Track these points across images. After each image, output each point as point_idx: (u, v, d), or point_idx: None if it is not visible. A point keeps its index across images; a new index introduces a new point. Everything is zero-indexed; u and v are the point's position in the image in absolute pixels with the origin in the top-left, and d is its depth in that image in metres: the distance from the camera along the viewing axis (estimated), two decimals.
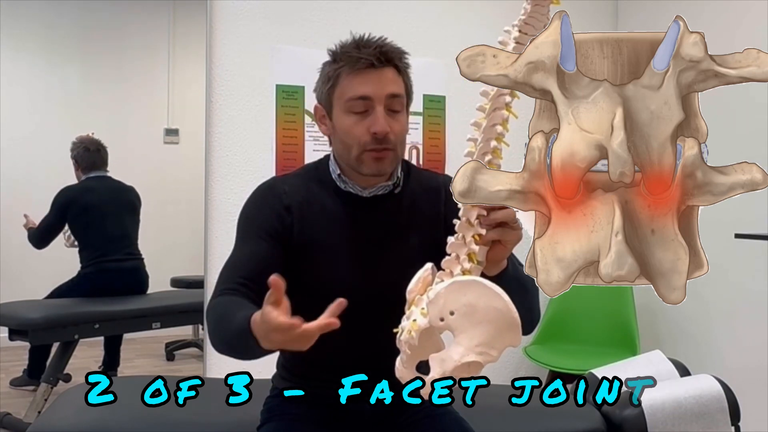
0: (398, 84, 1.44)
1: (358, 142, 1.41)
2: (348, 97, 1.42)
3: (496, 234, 1.15)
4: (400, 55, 1.46)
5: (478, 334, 1.07)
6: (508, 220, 1.15)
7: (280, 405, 1.57)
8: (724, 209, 3.25)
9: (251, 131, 2.93)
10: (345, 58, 1.43)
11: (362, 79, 1.41)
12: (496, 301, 1.07)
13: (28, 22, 2.94)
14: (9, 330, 2.82)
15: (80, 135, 2.99)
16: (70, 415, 1.72)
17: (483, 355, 1.07)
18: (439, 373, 1.08)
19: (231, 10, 2.90)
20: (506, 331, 1.08)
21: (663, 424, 1.88)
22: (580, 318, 3.36)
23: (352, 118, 1.42)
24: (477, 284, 1.09)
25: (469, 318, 1.07)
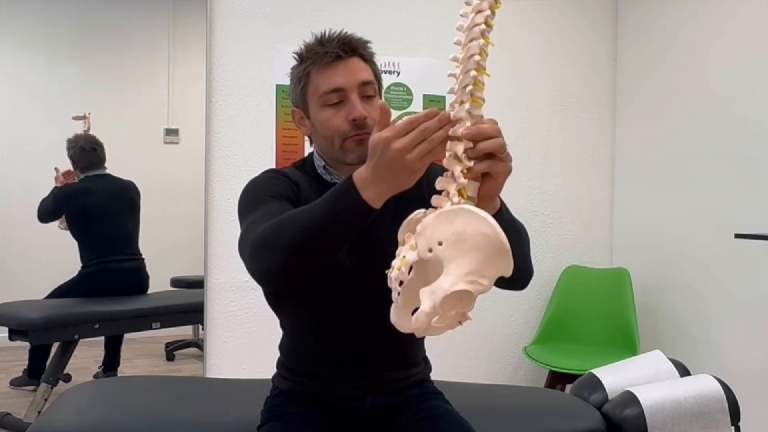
0: (367, 71, 1.46)
1: (338, 132, 1.42)
2: (321, 92, 1.44)
3: (484, 166, 1.12)
4: (364, 44, 1.48)
5: (468, 262, 1.02)
6: (496, 151, 1.12)
7: (281, 405, 1.56)
8: (724, 209, 3.28)
9: (251, 131, 2.93)
10: (311, 56, 1.46)
11: (332, 72, 1.43)
12: (483, 227, 1.03)
13: (29, 22, 2.94)
14: (9, 330, 2.82)
15: (76, 133, 2.99)
16: (70, 415, 1.72)
17: (474, 284, 1.02)
18: (429, 305, 1.02)
19: (231, 10, 2.90)
20: (496, 257, 1.03)
21: (663, 424, 1.88)
22: (580, 318, 3.36)
23: (328, 111, 1.43)
24: (464, 211, 1.05)
25: (457, 246, 1.03)
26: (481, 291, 1.02)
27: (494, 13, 1.17)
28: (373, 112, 1.42)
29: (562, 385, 3.01)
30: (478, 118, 1.13)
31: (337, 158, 1.47)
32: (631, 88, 3.54)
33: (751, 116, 2.87)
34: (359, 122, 1.41)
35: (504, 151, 1.13)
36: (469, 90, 1.13)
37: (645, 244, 3.43)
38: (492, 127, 1.12)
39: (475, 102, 1.13)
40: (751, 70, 2.88)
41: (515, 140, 3.42)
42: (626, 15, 3.56)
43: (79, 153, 3.01)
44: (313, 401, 1.53)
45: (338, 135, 1.43)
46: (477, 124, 1.11)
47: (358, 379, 1.52)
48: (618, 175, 3.62)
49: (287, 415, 1.52)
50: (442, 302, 1.01)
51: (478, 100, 1.13)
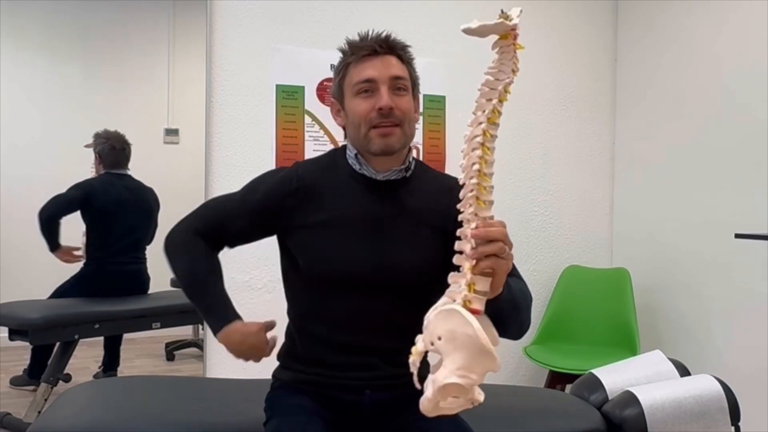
0: (401, 69, 1.55)
1: (366, 119, 1.51)
2: (355, 82, 1.52)
3: (489, 263, 1.21)
4: (402, 46, 1.58)
5: (459, 358, 1.15)
6: (496, 252, 1.21)
7: (281, 397, 1.58)
8: (724, 209, 3.28)
9: (251, 131, 2.93)
10: (351, 50, 1.55)
11: (367, 65, 1.52)
12: (468, 329, 1.15)
13: (29, 22, 2.94)
14: (9, 330, 2.82)
15: (106, 129, 2.99)
16: (70, 415, 1.72)
17: (464, 378, 1.15)
18: (429, 393, 1.17)
19: (231, 10, 2.90)
20: (479, 356, 1.15)
21: (663, 424, 1.88)
22: (580, 318, 3.36)
23: (359, 99, 1.52)
24: (455, 312, 1.18)
25: (451, 343, 1.16)
26: (470, 384, 1.16)
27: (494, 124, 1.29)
28: (401, 104, 1.52)
29: (562, 385, 3.01)
30: (487, 218, 1.25)
31: (362, 146, 1.54)
32: (631, 88, 3.54)
33: (751, 116, 2.87)
34: (385, 111, 1.49)
35: (504, 252, 1.22)
36: (474, 194, 1.25)
37: (645, 244, 3.43)
38: (497, 231, 1.22)
39: (480, 205, 1.25)
40: (752, 70, 2.88)
41: (515, 140, 3.42)
42: (626, 15, 3.56)
43: (109, 150, 3.01)
44: (313, 393, 1.55)
45: (365, 122, 1.51)
46: (485, 225, 1.23)
47: (357, 367, 1.54)
48: (618, 175, 3.62)
49: (289, 407, 1.53)
50: (438, 391, 1.16)
51: (482, 203, 1.25)
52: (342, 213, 1.54)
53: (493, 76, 1.32)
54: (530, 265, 3.47)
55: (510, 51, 1.34)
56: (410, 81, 1.57)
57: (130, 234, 3.12)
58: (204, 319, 1.56)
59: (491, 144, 1.28)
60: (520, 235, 3.44)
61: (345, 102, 1.56)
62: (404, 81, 1.54)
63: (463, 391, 1.17)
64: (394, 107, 1.50)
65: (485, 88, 1.33)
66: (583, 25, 3.57)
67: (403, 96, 1.53)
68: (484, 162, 1.27)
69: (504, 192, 3.39)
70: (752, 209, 2.85)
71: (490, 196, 1.27)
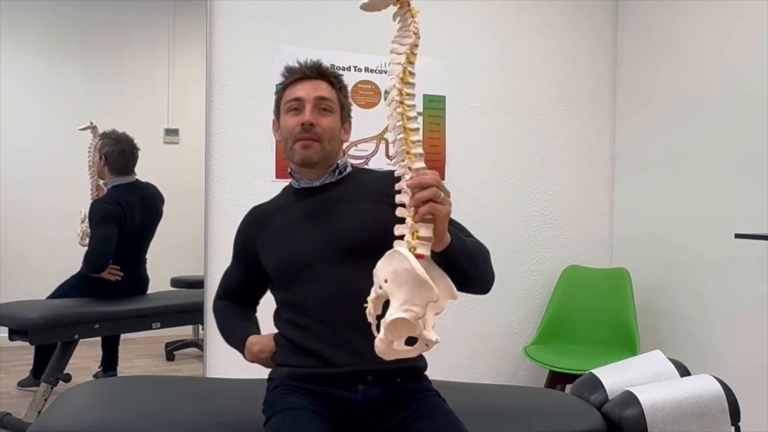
0: (329, 92, 1.74)
1: (291, 132, 1.70)
2: (286, 100, 1.74)
3: (427, 208, 1.31)
4: (335, 74, 1.78)
5: (401, 294, 1.24)
6: (432, 198, 1.32)
7: (279, 396, 1.59)
8: (724, 209, 3.28)
9: (251, 131, 2.93)
10: (287, 74, 1.76)
11: (298, 87, 1.73)
12: (405, 263, 1.25)
13: (29, 22, 2.94)
14: (9, 330, 2.82)
15: (114, 130, 2.94)
16: (70, 415, 1.72)
17: (408, 312, 1.22)
18: (382, 333, 1.24)
19: (231, 10, 2.90)
20: (419, 287, 1.23)
21: (663, 424, 1.88)
22: (580, 318, 3.36)
23: (288, 116, 1.72)
24: (396, 253, 1.28)
25: (394, 282, 1.25)
26: (415, 317, 1.22)
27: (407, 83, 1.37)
28: (323, 122, 1.70)
29: (562, 385, 3.01)
30: (420, 169, 1.35)
31: (290, 158, 1.75)
32: (631, 88, 3.54)
33: (751, 116, 2.88)
34: (306, 126, 1.68)
35: (440, 197, 1.33)
36: (403, 149, 1.36)
37: (645, 244, 3.44)
38: (431, 178, 1.33)
39: (411, 158, 1.35)
40: (751, 70, 2.88)
41: (515, 140, 3.43)
42: (626, 15, 3.56)
43: (118, 154, 2.94)
44: (308, 391, 1.57)
45: (291, 136, 1.71)
46: (419, 175, 1.34)
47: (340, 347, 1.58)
48: (618, 175, 3.62)
49: (288, 404, 1.55)
50: (388, 329, 1.23)
51: (412, 156, 1.35)
52: (289, 217, 1.74)
53: (398, 42, 1.41)
54: (530, 265, 3.47)
55: (407, 17, 1.42)
56: (338, 104, 1.74)
57: (136, 241, 3.11)
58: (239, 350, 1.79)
59: (410, 101, 1.37)
60: (520, 235, 3.44)
61: (280, 119, 1.76)
62: (329, 102, 1.72)
63: (410, 326, 1.22)
64: (315, 123, 1.68)
65: (393, 54, 1.41)
66: (583, 25, 3.57)
67: (326, 116, 1.71)
68: (405, 118, 1.36)
69: (504, 192, 3.39)
70: (752, 209, 2.85)
71: (419, 149, 1.36)
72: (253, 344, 1.73)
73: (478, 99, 3.33)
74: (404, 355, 1.28)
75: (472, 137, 3.28)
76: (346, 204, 1.71)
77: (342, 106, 1.76)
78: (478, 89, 3.32)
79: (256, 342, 1.73)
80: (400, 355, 1.27)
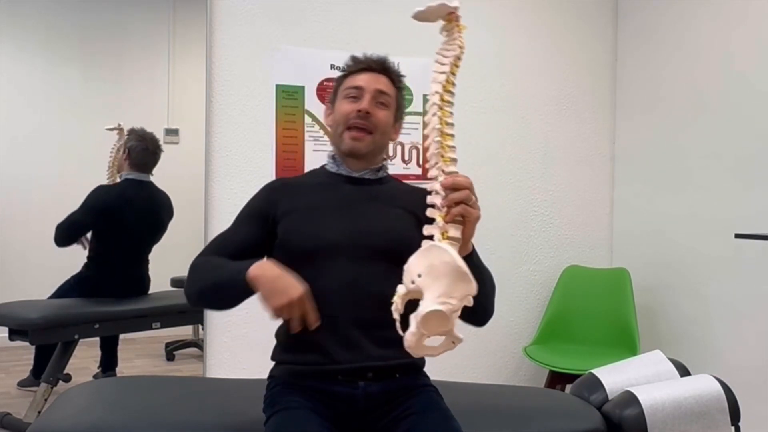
0: (389, 87, 1.73)
1: (345, 118, 1.68)
2: (345, 87, 1.73)
3: (459, 210, 1.36)
4: (398, 73, 1.76)
5: (438, 287, 1.24)
6: (464, 200, 1.36)
7: (278, 395, 1.59)
8: (724, 209, 3.28)
9: (251, 131, 2.93)
10: (351, 63, 1.76)
11: (359, 77, 1.72)
12: (446, 256, 1.26)
13: (28, 22, 2.94)
14: (9, 330, 2.82)
15: (143, 128, 2.98)
16: (70, 415, 1.72)
17: (444, 305, 1.22)
18: (414, 326, 1.23)
19: (231, 10, 2.90)
20: (459, 280, 1.24)
21: (663, 424, 1.88)
22: (580, 318, 3.36)
23: (345, 102, 1.71)
24: (434, 247, 1.29)
25: (430, 275, 1.25)
26: (451, 310, 1.22)
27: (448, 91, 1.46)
28: (379, 114, 1.68)
29: (562, 385, 3.01)
30: (453, 173, 1.40)
31: (336, 144, 1.73)
32: (631, 88, 3.54)
33: (751, 116, 2.87)
34: (362, 114, 1.66)
35: (471, 200, 1.37)
36: (438, 152, 1.41)
37: (645, 244, 3.44)
38: (464, 180, 1.38)
39: (445, 161, 1.40)
40: (751, 70, 2.88)
41: (515, 140, 3.43)
42: (626, 15, 3.56)
43: (141, 151, 2.99)
44: (308, 389, 1.57)
45: (344, 121, 1.69)
46: (452, 177, 1.38)
47: (346, 345, 1.56)
48: (618, 176, 3.62)
49: (287, 403, 1.55)
50: (422, 322, 1.22)
51: (447, 160, 1.41)
52: (320, 199, 1.69)
53: (443, 53, 1.48)
54: (530, 265, 3.47)
55: (455, 31, 1.48)
56: (395, 101, 1.74)
57: (139, 242, 3.11)
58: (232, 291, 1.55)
59: (449, 108, 1.44)
60: (520, 235, 3.44)
61: (335, 105, 1.74)
62: (388, 97, 1.71)
63: (444, 319, 1.22)
64: (372, 114, 1.67)
65: (437, 64, 1.47)
66: (583, 25, 3.57)
67: (382, 109, 1.70)
68: (444, 123, 1.42)
69: (504, 192, 3.39)
70: (752, 209, 2.85)
71: (453, 154, 1.41)
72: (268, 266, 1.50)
73: (478, 99, 3.32)
74: (431, 353, 1.28)
75: (472, 137, 3.28)
76: (380, 204, 1.69)
77: (398, 105, 1.76)
78: (478, 89, 3.32)
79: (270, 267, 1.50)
80: (428, 352, 1.27)
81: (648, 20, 3.42)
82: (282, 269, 1.49)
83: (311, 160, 2.94)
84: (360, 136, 1.67)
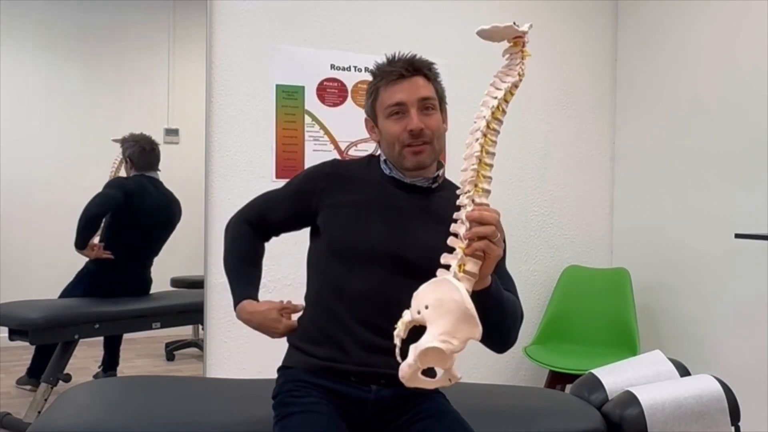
0: (428, 89, 1.66)
1: (398, 139, 1.63)
2: (386, 105, 1.64)
3: (481, 245, 1.30)
4: (429, 65, 1.69)
5: (442, 324, 1.20)
6: (488, 235, 1.30)
7: (291, 396, 1.57)
8: (724, 209, 3.28)
9: (251, 131, 2.93)
10: (381, 74, 1.67)
11: (396, 89, 1.64)
12: (455, 294, 1.22)
13: (28, 22, 2.94)
14: (9, 330, 2.82)
15: (132, 132, 2.99)
16: (70, 415, 1.72)
17: (445, 343, 1.19)
18: (411, 358, 1.20)
19: (231, 10, 2.90)
20: (464, 321, 1.21)
21: (663, 424, 1.88)
22: (580, 318, 3.36)
23: (391, 121, 1.64)
24: (446, 281, 1.25)
25: (437, 310, 1.22)
26: (452, 350, 1.20)
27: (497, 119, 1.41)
28: (430, 123, 1.63)
29: (562, 385, 3.01)
30: (483, 205, 1.34)
31: (397, 163, 1.68)
32: (631, 88, 3.54)
33: (752, 116, 2.87)
34: (415, 132, 1.61)
35: (496, 237, 1.31)
36: (473, 180, 1.35)
37: (645, 244, 3.43)
38: (491, 216, 1.32)
39: (477, 191, 1.34)
40: (751, 70, 2.88)
41: (515, 140, 3.42)
42: (626, 15, 3.56)
43: (140, 153, 3.00)
44: (320, 388, 1.56)
45: (398, 142, 1.63)
46: (480, 209, 1.32)
47: (369, 349, 1.56)
48: (618, 175, 3.62)
49: (300, 405, 1.54)
50: (419, 357, 1.19)
51: (480, 190, 1.35)
52: (368, 198, 1.67)
53: (501, 77, 1.42)
54: (530, 265, 3.47)
55: (518, 57, 1.44)
56: (437, 98, 1.67)
57: (147, 242, 3.11)
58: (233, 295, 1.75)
59: (494, 137, 1.37)
60: (520, 235, 3.44)
61: (378, 122, 1.68)
62: (432, 101, 1.65)
63: (443, 357, 1.20)
64: (424, 128, 1.61)
65: (492, 88, 1.42)
66: (583, 25, 3.57)
67: (431, 115, 1.64)
68: (485, 152, 1.36)
69: (504, 192, 3.39)
70: (752, 209, 2.85)
71: (488, 185, 1.36)
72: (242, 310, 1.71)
73: (478, 99, 3.32)
74: (425, 386, 1.24)
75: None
76: (429, 218, 1.64)
77: (441, 98, 1.70)
78: (478, 89, 3.31)
79: (246, 309, 1.71)
80: (422, 385, 1.24)
81: (648, 20, 3.42)
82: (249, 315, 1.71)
83: (311, 160, 2.94)
84: (421, 149, 1.62)
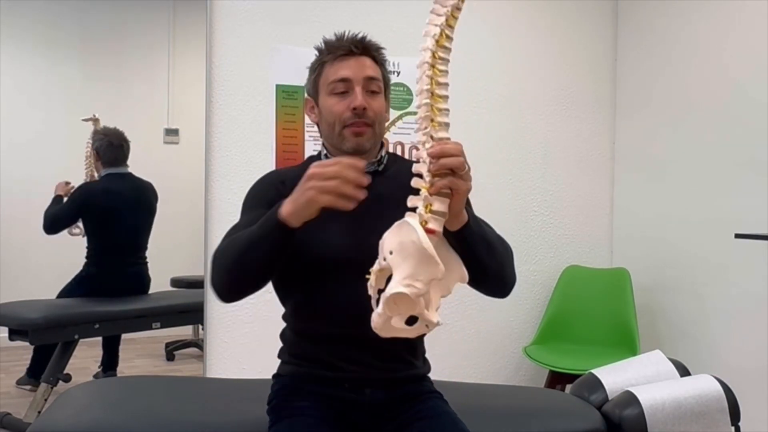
0: (375, 70, 1.58)
1: (340, 118, 1.54)
2: (330, 80, 1.56)
3: (446, 182, 1.23)
4: (377, 48, 1.61)
5: (405, 268, 1.16)
6: (456, 168, 1.23)
7: (284, 401, 1.58)
8: (724, 209, 3.28)
9: (251, 131, 2.93)
10: (328, 49, 1.59)
11: (342, 65, 1.55)
12: (413, 235, 1.17)
13: (28, 22, 2.94)
14: (9, 330, 2.82)
15: (105, 126, 2.99)
16: (70, 415, 1.72)
17: (409, 287, 1.15)
18: (380, 307, 1.17)
19: (231, 10, 2.90)
20: (424, 262, 1.16)
21: (663, 424, 1.88)
22: (580, 318, 3.36)
23: (334, 98, 1.55)
24: (406, 224, 1.20)
25: (400, 254, 1.18)
26: (416, 294, 1.15)
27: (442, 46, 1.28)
28: (374, 105, 1.55)
29: (562, 385, 3.01)
30: (443, 139, 1.25)
31: (336, 145, 1.58)
32: (631, 88, 3.54)
33: (751, 116, 2.87)
34: (359, 111, 1.52)
35: (464, 169, 1.24)
36: (427, 115, 1.25)
37: (645, 244, 3.43)
38: (454, 147, 1.24)
39: (434, 126, 1.25)
40: (751, 70, 2.88)
41: (515, 140, 3.42)
42: (626, 15, 3.56)
43: (106, 147, 3.01)
44: (314, 393, 1.55)
45: (339, 121, 1.54)
46: (441, 144, 1.23)
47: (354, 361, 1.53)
48: (618, 175, 3.62)
49: (293, 410, 1.53)
50: (386, 304, 1.15)
51: (436, 125, 1.25)
52: None
53: (440, 2, 1.29)
54: (530, 265, 3.47)
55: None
56: (383, 82, 1.60)
57: (131, 235, 3.12)
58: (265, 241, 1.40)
59: (443, 66, 1.28)
60: (520, 235, 3.44)
61: (319, 99, 1.59)
62: (378, 82, 1.57)
63: (410, 302, 1.15)
64: (368, 107, 1.53)
65: (432, 15, 1.30)
66: (583, 25, 3.57)
67: (375, 98, 1.56)
68: (435, 83, 1.27)
69: (504, 192, 3.39)
70: (752, 209, 2.85)
71: (446, 118, 1.26)
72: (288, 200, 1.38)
73: (478, 99, 3.32)
74: (401, 334, 1.19)
75: (472, 137, 3.27)
76: (383, 206, 1.41)
77: (386, 83, 1.62)
78: (478, 89, 3.32)
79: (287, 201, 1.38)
80: (397, 334, 1.19)
81: (648, 20, 3.42)
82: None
83: None
84: (362, 131, 1.53)
